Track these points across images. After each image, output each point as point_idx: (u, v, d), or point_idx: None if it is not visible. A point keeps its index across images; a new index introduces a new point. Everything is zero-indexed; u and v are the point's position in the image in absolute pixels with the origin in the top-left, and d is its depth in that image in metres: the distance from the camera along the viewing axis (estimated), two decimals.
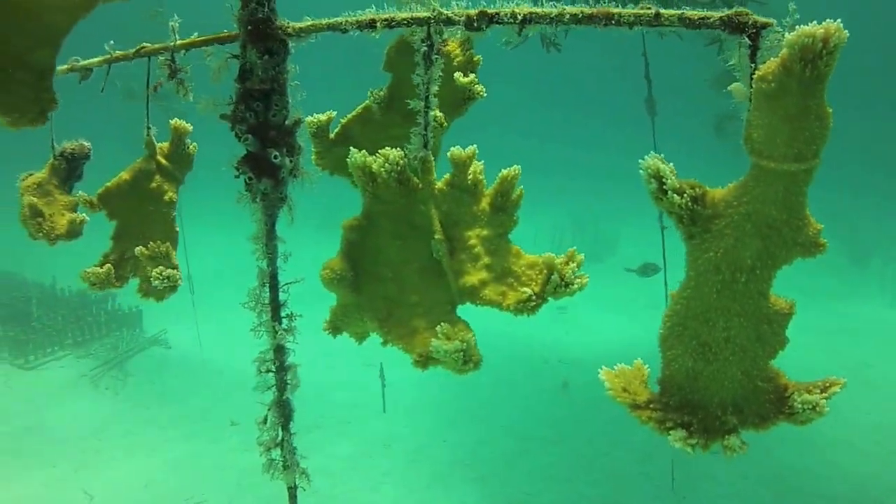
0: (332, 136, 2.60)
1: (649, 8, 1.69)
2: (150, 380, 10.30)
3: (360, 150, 1.89)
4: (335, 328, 2.11)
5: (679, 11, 1.68)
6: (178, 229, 2.76)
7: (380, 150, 1.89)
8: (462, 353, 1.79)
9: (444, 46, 2.67)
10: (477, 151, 1.93)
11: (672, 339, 1.74)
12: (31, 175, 3.55)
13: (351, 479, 7.62)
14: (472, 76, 2.45)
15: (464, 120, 2.55)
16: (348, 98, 2.75)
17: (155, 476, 7.67)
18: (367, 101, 2.73)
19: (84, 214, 3.20)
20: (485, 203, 1.97)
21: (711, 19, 1.64)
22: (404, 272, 1.98)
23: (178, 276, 2.59)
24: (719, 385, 1.71)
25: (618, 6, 1.72)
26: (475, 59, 2.63)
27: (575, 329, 12.46)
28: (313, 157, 2.60)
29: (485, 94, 2.57)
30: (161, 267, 2.55)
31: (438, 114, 2.52)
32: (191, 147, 2.79)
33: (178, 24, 2.29)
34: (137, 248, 2.58)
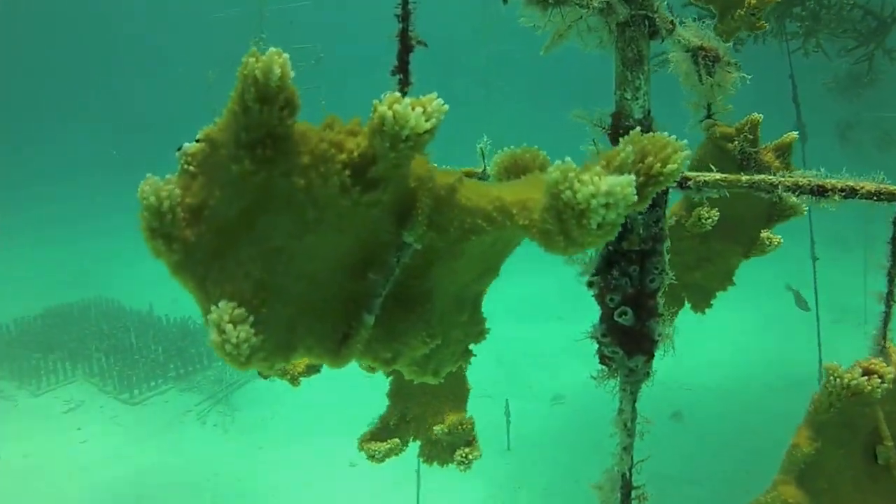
0: None
1: None
2: (259, 415, 10.24)
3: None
4: None
5: None
6: (469, 386, 2.45)
7: (831, 368, 1.65)
8: None
9: (762, 155, 2.41)
10: None
11: None
12: None
13: None
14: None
15: None
16: None
17: None
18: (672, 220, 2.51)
19: None
20: None
21: None
22: (839, 481, 1.74)
23: (479, 455, 2.33)
24: None
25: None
26: (791, 168, 2.42)
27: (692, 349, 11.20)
28: None
29: (805, 212, 2.34)
30: (467, 450, 2.28)
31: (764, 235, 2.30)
32: None
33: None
34: (437, 426, 2.29)
